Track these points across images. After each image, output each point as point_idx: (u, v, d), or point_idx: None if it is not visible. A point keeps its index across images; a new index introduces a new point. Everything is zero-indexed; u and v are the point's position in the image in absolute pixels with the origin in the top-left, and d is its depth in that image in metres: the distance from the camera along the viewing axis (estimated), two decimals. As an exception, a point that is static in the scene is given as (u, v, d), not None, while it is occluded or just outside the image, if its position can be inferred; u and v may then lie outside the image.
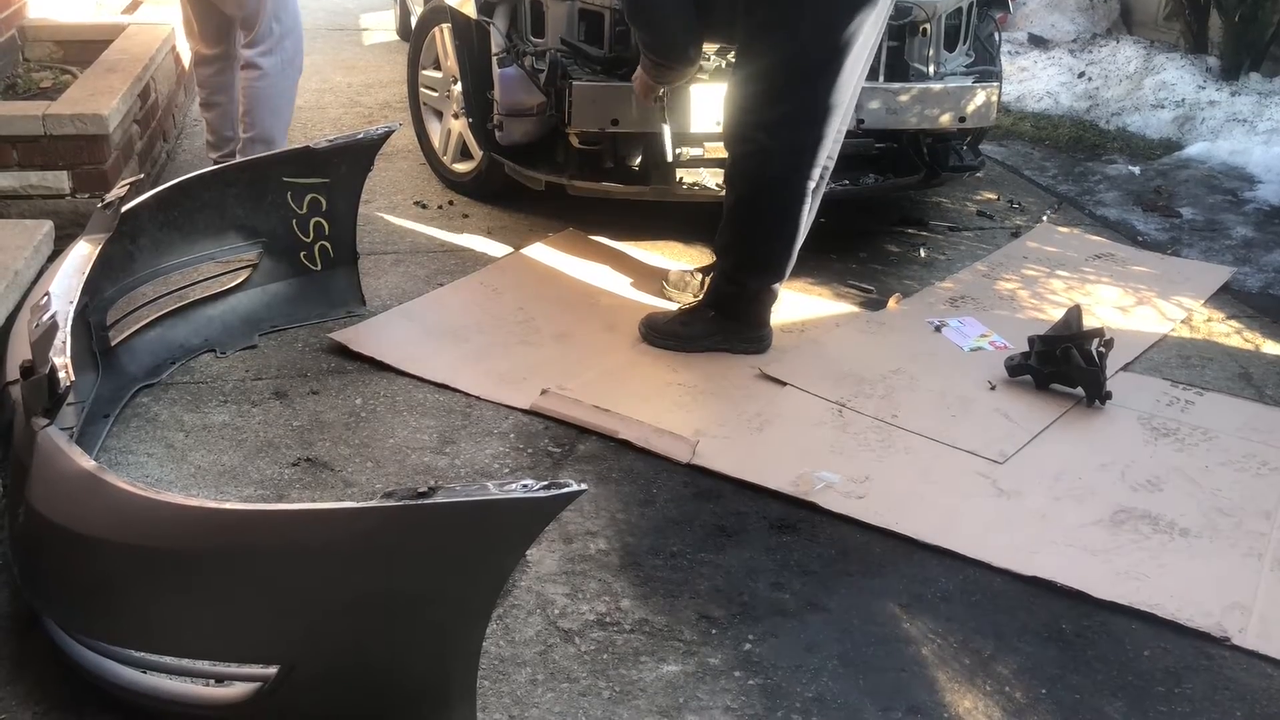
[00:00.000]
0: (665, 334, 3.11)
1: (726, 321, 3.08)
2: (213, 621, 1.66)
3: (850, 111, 3.01)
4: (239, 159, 3.60)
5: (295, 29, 3.91)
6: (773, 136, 2.91)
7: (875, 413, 2.83)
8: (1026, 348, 2.98)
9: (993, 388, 2.98)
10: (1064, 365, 2.90)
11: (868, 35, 2.86)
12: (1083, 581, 2.24)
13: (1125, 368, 3.11)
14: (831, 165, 3.04)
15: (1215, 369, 3.17)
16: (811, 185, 2.97)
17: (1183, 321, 3.45)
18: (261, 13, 3.77)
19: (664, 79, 3.14)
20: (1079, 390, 2.91)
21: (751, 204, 3.02)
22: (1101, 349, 2.88)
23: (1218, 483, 2.60)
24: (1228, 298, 3.66)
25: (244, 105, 3.91)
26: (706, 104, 3.37)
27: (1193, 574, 2.28)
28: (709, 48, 3.32)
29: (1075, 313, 2.98)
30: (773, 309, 3.15)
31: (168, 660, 1.81)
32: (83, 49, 4.41)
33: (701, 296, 3.21)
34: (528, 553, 2.18)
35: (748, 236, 3.05)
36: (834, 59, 2.84)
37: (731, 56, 3.33)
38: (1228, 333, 3.41)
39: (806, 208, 3.00)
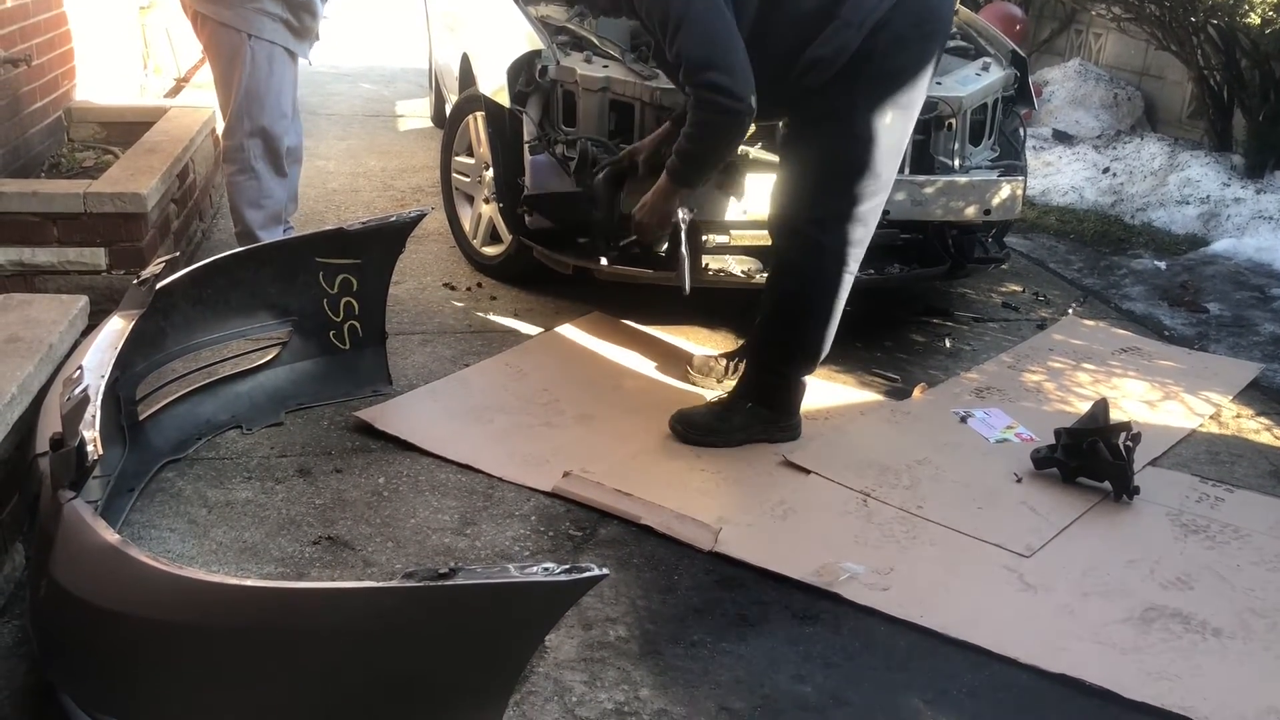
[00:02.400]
0: (704, 430, 3.06)
1: (763, 411, 3.07)
2: (229, 700, 1.64)
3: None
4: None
5: (271, 130, 3.85)
6: (825, 230, 2.91)
7: (901, 503, 2.81)
8: (1053, 440, 2.96)
9: (1019, 480, 2.95)
10: (1091, 459, 2.87)
11: (909, 129, 2.93)
12: (1112, 681, 2.19)
13: (1153, 463, 3.08)
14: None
15: (1245, 466, 3.13)
16: (852, 275, 3.00)
17: (1211, 417, 3.42)
18: (229, 106, 3.83)
19: (710, 158, 2.91)
20: (1106, 484, 2.88)
21: (800, 297, 3.00)
22: (1129, 443, 2.85)
23: (1250, 582, 2.55)
24: (1257, 394, 3.63)
25: (228, 198, 3.96)
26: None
27: (1226, 676, 2.23)
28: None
29: (1102, 406, 2.96)
30: (800, 396, 3.15)
31: (181, 739, 1.79)
32: (125, 130, 4.53)
33: (735, 389, 3.18)
34: (546, 638, 2.15)
35: (795, 329, 3.03)
36: (887, 153, 2.88)
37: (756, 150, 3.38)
38: (1258, 429, 3.37)
39: (846, 296, 3.02)
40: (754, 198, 3.45)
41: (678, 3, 2.72)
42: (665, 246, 3.45)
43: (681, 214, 3.04)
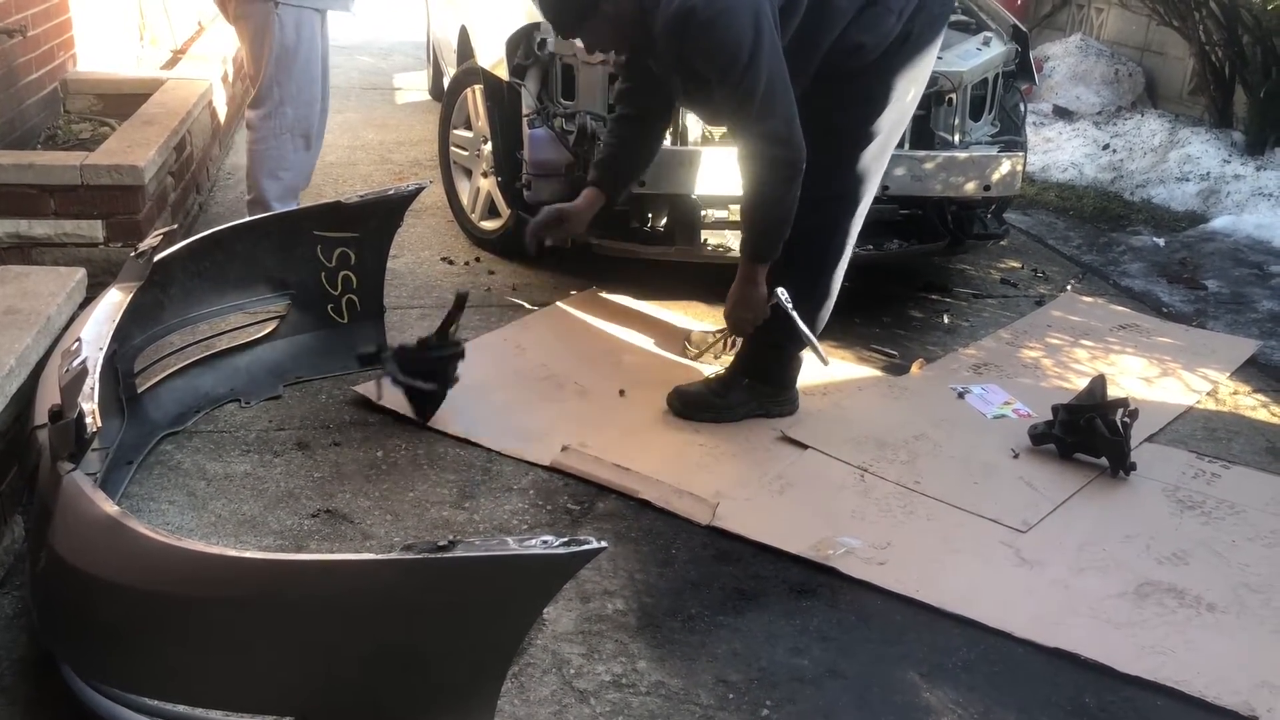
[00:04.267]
0: (701, 406, 3.05)
1: (761, 386, 3.06)
2: (228, 671, 1.65)
3: None
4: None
5: (300, 98, 3.84)
6: (845, 206, 2.92)
7: (897, 478, 2.81)
8: (1050, 416, 2.96)
9: (1016, 456, 2.95)
10: (1088, 435, 2.88)
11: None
12: (1107, 655, 2.20)
13: (1150, 439, 3.08)
14: None
15: (1242, 442, 3.14)
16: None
17: (1208, 394, 3.42)
18: (262, 73, 3.79)
19: (781, 234, 2.77)
20: (1103, 460, 2.89)
21: (815, 272, 2.99)
22: (1126, 419, 2.85)
23: (1245, 558, 2.56)
24: (1254, 371, 3.63)
25: (246, 165, 3.95)
26: (731, 166, 3.39)
27: (1220, 651, 2.24)
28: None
29: (1100, 382, 2.96)
30: (796, 371, 3.14)
31: (182, 709, 1.80)
32: (122, 102, 4.50)
33: (732, 364, 3.15)
34: (544, 611, 2.16)
35: (805, 304, 2.99)
36: (900, 127, 2.95)
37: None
38: (1254, 406, 3.38)
39: None
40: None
41: (746, 51, 2.54)
42: (663, 221, 3.45)
43: (780, 294, 2.87)
